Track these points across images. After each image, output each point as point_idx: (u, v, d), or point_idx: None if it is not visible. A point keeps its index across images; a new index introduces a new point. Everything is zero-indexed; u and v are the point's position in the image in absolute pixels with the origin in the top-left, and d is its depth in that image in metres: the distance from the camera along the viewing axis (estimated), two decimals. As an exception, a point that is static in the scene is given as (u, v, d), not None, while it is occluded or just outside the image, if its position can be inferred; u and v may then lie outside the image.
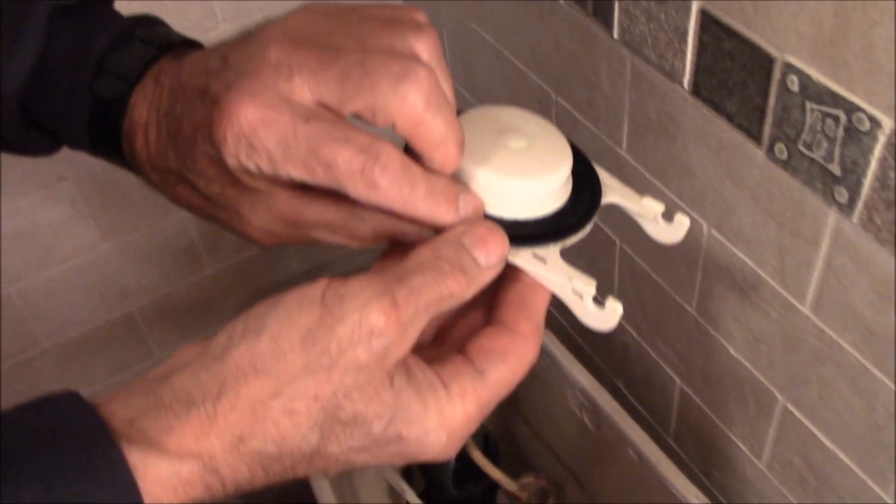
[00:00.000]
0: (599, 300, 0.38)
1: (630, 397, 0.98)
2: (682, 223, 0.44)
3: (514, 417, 1.10)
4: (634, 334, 0.90)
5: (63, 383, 0.52)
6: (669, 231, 0.45)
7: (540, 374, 0.97)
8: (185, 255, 1.17)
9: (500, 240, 0.36)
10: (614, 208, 0.46)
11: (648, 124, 0.72)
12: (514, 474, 1.02)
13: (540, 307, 0.38)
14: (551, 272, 0.39)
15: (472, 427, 0.36)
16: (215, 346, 0.34)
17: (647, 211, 0.45)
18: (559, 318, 1.06)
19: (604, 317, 0.39)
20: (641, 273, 0.83)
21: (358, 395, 0.32)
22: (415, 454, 0.35)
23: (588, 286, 0.38)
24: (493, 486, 1.03)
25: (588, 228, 0.41)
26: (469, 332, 0.38)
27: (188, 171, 0.39)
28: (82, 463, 0.30)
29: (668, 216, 0.44)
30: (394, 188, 0.34)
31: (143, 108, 0.41)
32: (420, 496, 1.02)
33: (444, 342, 0.39)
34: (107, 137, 0.43)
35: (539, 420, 1.04)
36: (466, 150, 0.38)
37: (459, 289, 0.34)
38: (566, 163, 0.40)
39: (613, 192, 0.44)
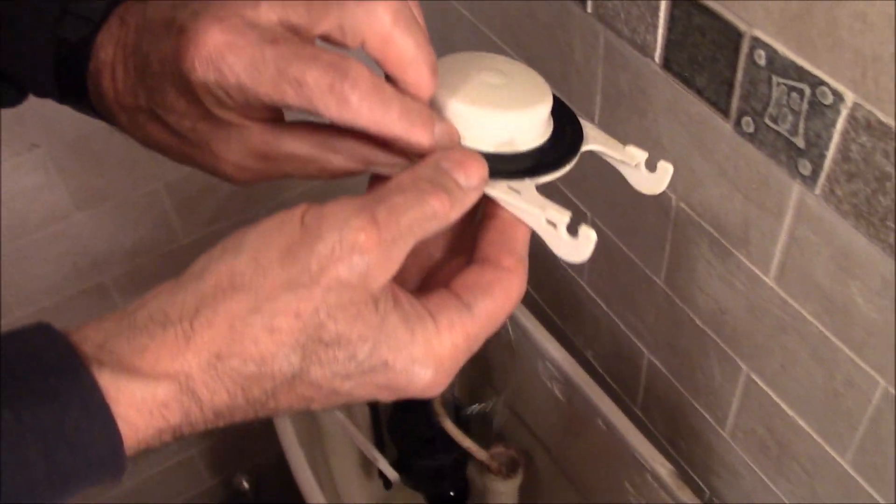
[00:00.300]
0: (573, 230, 0.39)
1: (599, 369, 1.00)
2: (665, 170, 0.44)
3: (486, 388, 1.12)
4: (604, 306, 0.92)
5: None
6: (653, 179, 0.44)
7: (511, 346, 0.98)
8: (159, 226, 1.17)
9: (478, 162, 0.36)
10: (593, 158, 0.46)
11: (620, 97, 0.73)
12: (484, 444, 1.04)
13: (521, 241, 0.38)
14: (525, 202, 0.39)
15: (460, 361, 0.35)
16: (193, 268, 0.33)
17: (630, 158, 0.44)
18: (531, 291, 1.07)
19: (577, 246, 0.39)
20: (612, 246, 0.85)
21: (341, 315, 0.32)
22: (401, 386, 0.34)
23: (562, 215, 0.39)
24: (465, 455, 1.04)
25: (567, 168, 0.41)
26: (453, 273, 0.38)
27: (158, 106, 0.39)
28: (51, 388, 0.29)
29: (650, 165, 0.44)
30: (365, 105, 0.34)
31: (110, 48, 0.41)
32: (392, 465, 1.04)
33: (430, 287, 0.39)
34: (73, 82, 0.42)
35: (510, 390, 1.06)
36: (444, 83, 0.39)
37: (442, 207, 0.34)
38: (545, 100, 0.40)
39: (596, 140, 0.44)
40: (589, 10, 0.71)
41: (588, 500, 0.98)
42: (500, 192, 0.38)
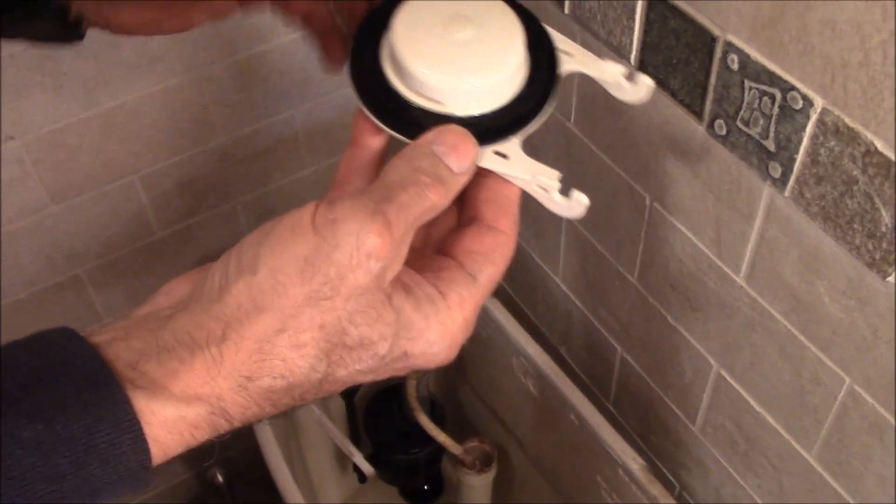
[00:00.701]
0: (565, 192, 0.40)
1: (573, 364, 1.01)
2: (644, 83, 0.44)
3: (460, 383, 1.13)
4: (578, 303, 0.93)
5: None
6: (634, 91, 0.44)
7: (486, 341, 0.99)
8: (134, 219, 1.16)
9: (469, 144, 0.37)
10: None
11: (596, 98, 0.74)
12: (458, 438, 1.05)
13: (514, 200, 0.40)
14: (516, 170, 0.39)
15: (470, 329, 0.36)
16: (210, 287, 0.33)
17: (607, 75, 0.44)
18: (506, 287, 1.08)
19: (570, 206, 0.40)
20: (586, 243, 0.86)
21: (361, 319, 0.33)
22: (419, 365, 0.36)
23: (552, 180, 0.39)
24: (439, 449, 1.05)
25: (549, 110, 0.41)
26: (446, 230, 0.39)
27: None
28: (84, 400, 0.29)
29: (630, 77, 0.44)
30: None
31: None
32: (367, 459, 1.04)
33: (426, 244, 0.39)
34: None
35: (484, 386, 1.07)
36: (412, 47, 0.39)
37: (440, 199, 0.35)
38: (517, 47, 0.40)
39: (572, 60, 0.44)
40: (566, 10, 0.72)
41: (561, 493, 0.99)
42: (488, 161, 0.39)
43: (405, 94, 0.40)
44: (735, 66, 0.57)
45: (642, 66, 0.66)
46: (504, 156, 0.40)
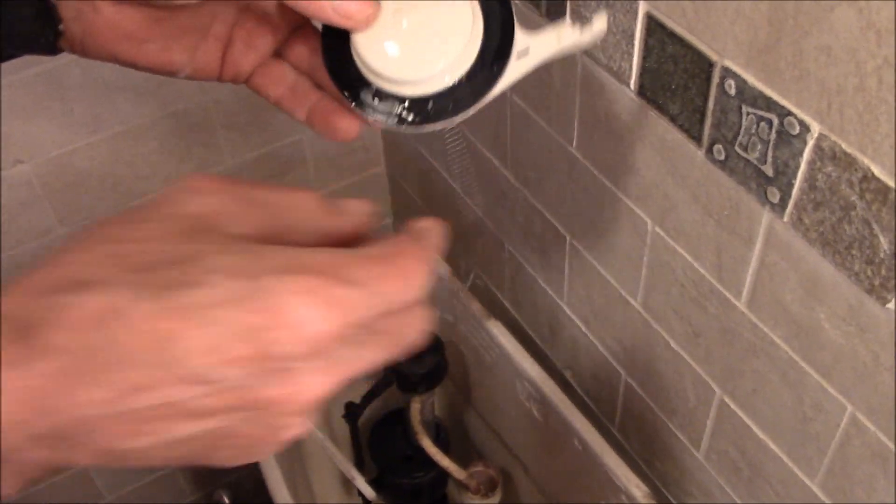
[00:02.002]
0: (583, 19, 0.44)
1: (578, 389, 1.01)
2: (599, 22, 0.48)
3: (465, 407, 1.12)
4: (582, 327, 0.93)
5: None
6: (590, 35, 0.49)
7: (491, 366, 0.99)
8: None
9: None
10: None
11: (597, 123, 0.74)
12: (464, 462, 1.04)
13: None
14: (544, 52, 0.46)
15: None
16: None
17: (568, 45, 0.48)
18: (511, 310, 1.08)
19: (594, 33, 0.48)
20: (590, 268, 0.86)
21: None
22: None
23: (572, 30, 0.46)
24: (443, 473, 1.05)
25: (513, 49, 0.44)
26: None
27: None
28: None
29: (582, 28, 0.48)
30: None
31: None
32: (371, 484, 1.04)
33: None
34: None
35: (489, 410, 1.06)
36: (366, 39, 0.42)
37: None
38: (465, 26, 0.43)
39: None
40: (567, 36, 0.72)
41: (565, 519, 0.99)
42: (518, 69, 0.45)
43: (385, 88, 0.43)
44: (732, 92, 0.57)
45: (642, 91, 0.66)
46: (525, 53, 0.44)
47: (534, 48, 0.46)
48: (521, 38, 0.45)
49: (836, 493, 0.66)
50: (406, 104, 0.43)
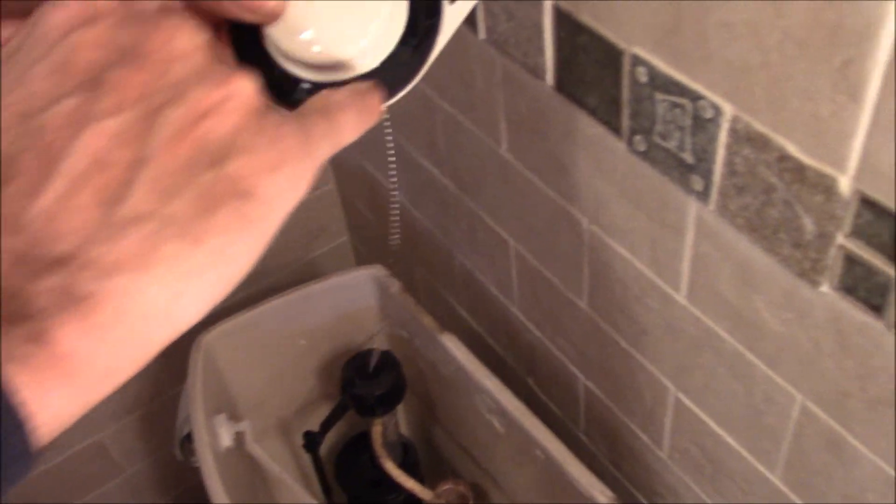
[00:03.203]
0: None
1: (542, 395, 0.98)
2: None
3: (432, 423, 1.09)
4: (536, 332, 0.90)
5: None
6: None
7: (449, 380, 0.96)
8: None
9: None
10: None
11: (522, 122, 0.72)
12: (436, 479, 1.01)
13: None
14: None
15: None
16: None
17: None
18: (469, 319, 1.05)
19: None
20: (535, 271, 0.83)
21: None
22: None
23: None
24: (414, 495, 1.02)
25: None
26: None
27: None
28: None
29: None
30: None
31: None
32: (340, 511, 1.01)
33: None
34: None
35: (454, 425, 1.03)
36: (279, 29, 0.37)
37: None
38: (382, 11, 0.39)
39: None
40: (482, 36, 0.70)
41: (539, 531, 0.96)
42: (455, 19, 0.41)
43: (318, 78, 0.39)
44: (644, 79, 0.55)
45: (560, 86, 0.64)
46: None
47: None
48: None
49: (796, 485, 0.63)
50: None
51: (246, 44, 0.39)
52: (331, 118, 0.33)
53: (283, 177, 0.30)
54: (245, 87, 0.30)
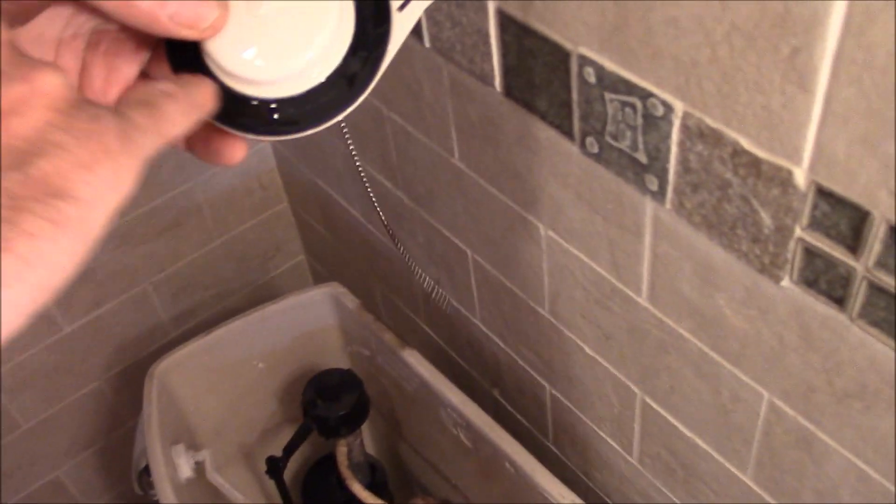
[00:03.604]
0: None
1: (509, 407, 0.96)
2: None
3: (398, 441, 1.07)
4: (500, 343, 0.89)
5: None
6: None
7: (413, 396, 0.94)
8: (37, 317, 1.10)
9: None
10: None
11: (473, 130, 0.70)
12: (405, 498, 0.99)
13: None
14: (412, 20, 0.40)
15: None
16: None
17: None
18: (431, 333, 1.04)
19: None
20: (495, 281, 0.82)
21: None
22: None
23: None
24: (384, 515, 1.00)
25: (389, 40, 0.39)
26: None
27: None
28: None
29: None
30: None
31: None
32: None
33: None
34: None
35: (421, 441, 1.02)
36: (218, 43, 0.36)
37: None
38: (328, 22, 0.37)
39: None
40: (427, 43, 0.68)
41: (513, 545, 0.94)
42: (403, 31, 0.39)
43: (260, 94, 0.37)
44: (592, 80, 0.54)
45: (509, 91, 0.63)
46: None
47: None
48: None
49: (768, 483, 0.62)
50: (288, 105, 0.37)
51: (184, 62, 0.38)
52: (155, 110, 0.32)
53: (100, 174, 0.28)
54: (50, 82, 0.28)
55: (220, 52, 0.36)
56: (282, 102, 0.37)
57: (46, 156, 0.27)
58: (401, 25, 0.40)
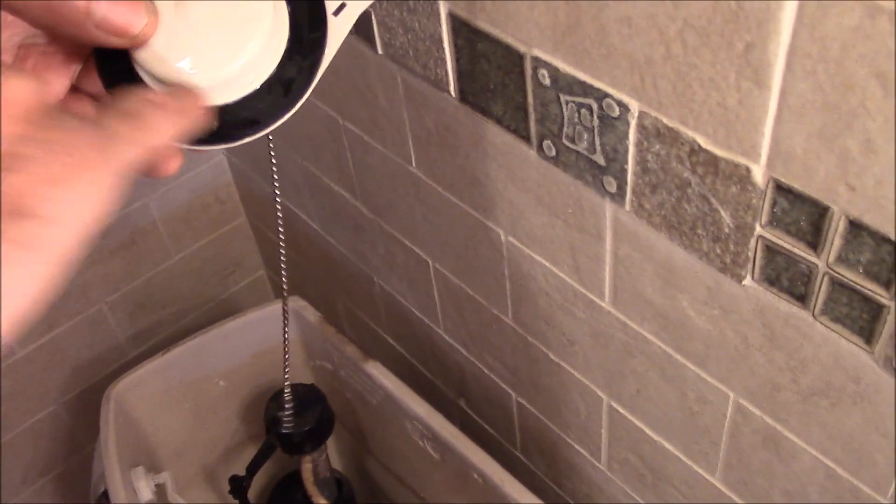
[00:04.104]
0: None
1: (475, 416, 0.95)
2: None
3: (364, 455, 1.06)
4: (464, 352, 0.88)
5: None
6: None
7: (378, 409, 0.93)
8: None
9: None
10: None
11: (430, 137, 0.69)
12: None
13: None
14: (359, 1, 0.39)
15: None
16: None
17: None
18: (395, 345, 1.02)
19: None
20: (458, 290, 0.81)
21: None
22: None
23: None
24: (351, 532, 0.98)
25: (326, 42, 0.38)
26: None
27: None
28: None
29: None
30: None
31: None
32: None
33: None
34: None
35: (387, 455, 1.00)
36: (148, 51, 0.34)
37: None
38: (261, 27, 0.35)
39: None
40: (380, 50, 0.67)
41: (484, 556, 0.93)
42: (341, 32, 0.38)
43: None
44: (547, 82, 0.53)
45: (463, 96, 0.62)
46: (343, 6, 0.38)
47: None
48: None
49: (738, 485, 0.62)
50: (224, 113, 0.36)
51: (114, 72, 0.36)
52: (138, 119, 0.30)
53: (74, 190, 0.26)
54: (20, 91, 0.26)
55: (151, 61, 0.34)
56: (217, 111, 0.36)
57: (14, 171, 0.25)
58: (336, 30, 0.39)
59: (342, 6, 0.39)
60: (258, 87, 0.36)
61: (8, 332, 0.26)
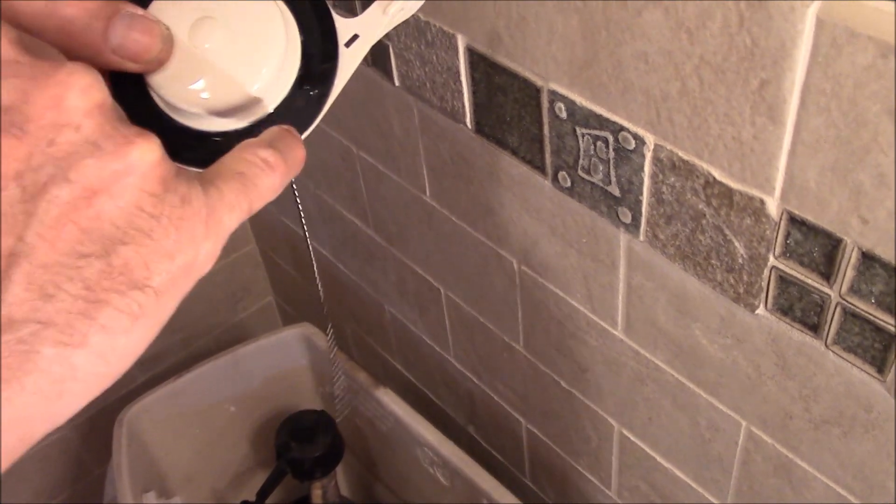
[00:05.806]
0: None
1: (484, 443, 0.96)
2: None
3: (373, 481, 1.06)
4: (475, 379, 0.88)
5: None
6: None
7: (388, 435, 0.93)
8: None
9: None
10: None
11: (444, 167, 0.71)
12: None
13: None
14: (371, 34, 0.40)
15: None
16: None
17: (397, 13, 0.41)
18: (404, 372, 1.03)
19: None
20: (468, 317, 0.82)
21: None
22: None
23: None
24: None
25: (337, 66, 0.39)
26: None
27: None
28: None
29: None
30: None
31: None
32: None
33: None
34: None
35: (396, 482, 1.00)
36: (163, 76, 0.35)
37: None
38: (278, 31, 0.36)
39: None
40: (397, 83, 0.69)
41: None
42: (354, 60, 0.39)
43: (202, 127, 0.36)
44: (564, 115, 0.54)
45: (479, 128, 0.63)
46: (354, 39, 0.40)
47: (362, 30, 0.41)
48: (343, 24, 0.40)
49: (749, 513, 0.62)
50: (234, 138, 0.36)
51: (127, 95, 0.37)
52: (248, 183, 0.30)
53: (182, 263, 0.27)
54: (145, 158, 0.26)
55: (165, 85, 0.35)
56: (228, 135, 0.37)
57: (131, 244, 0.26)
58: (348, 61, 0.40)
59: (355, 37, 0.41)
60: (269, 112, 0.37)
61: (103, 389, 0.27)
